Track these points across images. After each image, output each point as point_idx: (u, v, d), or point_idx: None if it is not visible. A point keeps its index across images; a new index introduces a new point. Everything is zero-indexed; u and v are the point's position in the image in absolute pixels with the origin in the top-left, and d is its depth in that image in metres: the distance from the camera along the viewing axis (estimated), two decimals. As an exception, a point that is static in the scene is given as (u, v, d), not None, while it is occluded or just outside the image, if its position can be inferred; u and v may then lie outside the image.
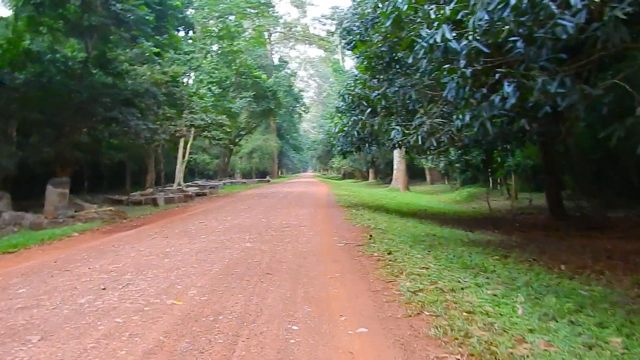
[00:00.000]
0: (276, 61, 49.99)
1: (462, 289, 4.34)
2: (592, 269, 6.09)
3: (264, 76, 36.14)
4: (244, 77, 33.92)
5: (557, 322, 3.42)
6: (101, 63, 14.47)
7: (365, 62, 8.56)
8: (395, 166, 30.00)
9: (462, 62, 4.78)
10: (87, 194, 18.36)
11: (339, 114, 13.17)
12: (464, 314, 3.45)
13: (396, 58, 8.07)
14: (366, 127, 9.43)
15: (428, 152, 8.39)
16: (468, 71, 5.20)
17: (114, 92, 14.07)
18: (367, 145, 12.97)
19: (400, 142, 8.33)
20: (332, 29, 50.71)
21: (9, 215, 9.99)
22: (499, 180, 21.17)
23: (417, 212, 15.16)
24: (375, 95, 8.16)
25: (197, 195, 19.53)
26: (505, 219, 14.18)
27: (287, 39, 64.42)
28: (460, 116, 4.91)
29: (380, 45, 7.72)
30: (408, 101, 8.01)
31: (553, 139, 12.87)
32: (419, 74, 7.29)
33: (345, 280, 4.60)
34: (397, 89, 7.84)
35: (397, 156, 28.22)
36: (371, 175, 44.98)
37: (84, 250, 6.78)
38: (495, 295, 4.16)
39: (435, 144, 6.54)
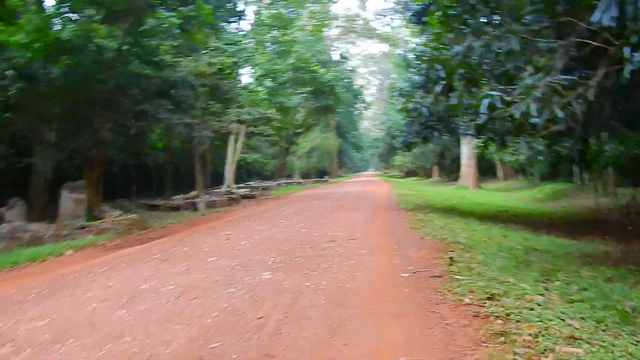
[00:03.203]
0: (335, 58, 47.69)
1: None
2: None
3: (321, 70, 34.02)
4: (301, 71, 32.04)
5: None
6: (137, 52, 12.82)
7: (440, 13, 6.02)
8: (463, 161, 26.89)
9: None
10: (134, 198, 17.03)
11: (402, 97, 10.67)
12: None
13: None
14: (440, 103, 6.83)
15: (542, 133, 5.56)
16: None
17: (143, 82, 12.35)
18: (435, 133, 10.40)
19: (491, 119, 5.63)
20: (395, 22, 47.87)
21: (10, 227, 8.42)
22: (588, 174, 17.84)
23: (496, 215, 12.58)
24: (455, 55, 5.59)
25: (245, 197, 17.70)
26: (611, 221, 11.90)
27: (347, 34, 61.99)
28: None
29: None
30: (502, 58, 5.40)
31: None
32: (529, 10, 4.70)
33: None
34: (487, 41, 5.22)
35: (466, 149, 25.07)
36: (435, 172, 41.75)
37: (48, 281, 4.88)
38: None
39: (560, 114, 3.93)
